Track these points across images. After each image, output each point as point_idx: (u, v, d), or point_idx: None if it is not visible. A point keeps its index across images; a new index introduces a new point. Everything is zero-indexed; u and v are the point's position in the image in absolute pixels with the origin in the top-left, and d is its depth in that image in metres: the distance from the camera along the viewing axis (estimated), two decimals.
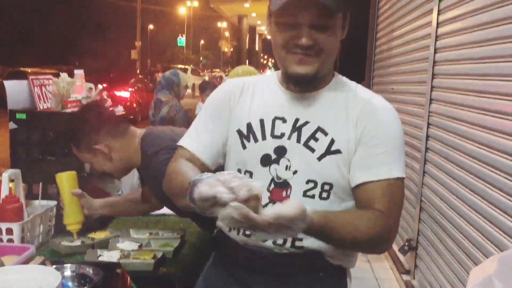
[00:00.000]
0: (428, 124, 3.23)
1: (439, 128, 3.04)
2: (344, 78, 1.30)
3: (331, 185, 1.19)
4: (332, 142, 1.19)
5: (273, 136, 1.22)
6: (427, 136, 3.24)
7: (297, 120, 1.21)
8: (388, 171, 1.16)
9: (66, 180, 1.90)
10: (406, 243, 3.48)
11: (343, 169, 1.19)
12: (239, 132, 1.25)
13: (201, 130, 1.31)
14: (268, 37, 1.28)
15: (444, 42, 3.02)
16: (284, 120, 1.22)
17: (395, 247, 4.00)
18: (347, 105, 1.22)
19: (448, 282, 2.74)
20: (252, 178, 1.21)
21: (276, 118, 1.23)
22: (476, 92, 2.47)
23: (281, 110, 1.24)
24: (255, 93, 1.28)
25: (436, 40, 3.14)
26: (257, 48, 33.28)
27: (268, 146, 1.21)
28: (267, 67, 58.84)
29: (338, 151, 1.18)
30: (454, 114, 2.77)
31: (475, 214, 2.40)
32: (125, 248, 1.84)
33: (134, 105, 13.88)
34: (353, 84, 1.28)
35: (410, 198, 3.59)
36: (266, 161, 1.21)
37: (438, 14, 3.11)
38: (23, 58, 23.27)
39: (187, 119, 3.91)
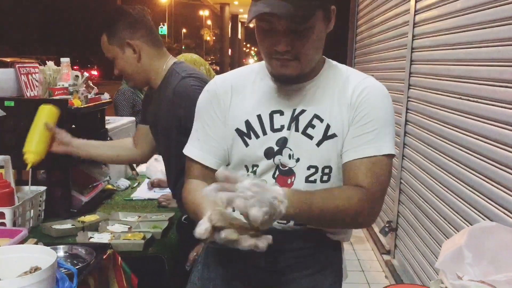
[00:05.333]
0: (407, 109, 3.31)
1: (417, 113, 3.13)
2: (335, 63, 1.32)
3: (330, 168, 1.24)
4: (328, 127, 1.23)
5: (273, 130, 1.25)
6: (406, 121, 3.33)
7: (294, 111, 1.25)
8: (376, 149, 1.20)
9: (46, 111, 1.89)
10: (387, 225, 3.58)
11: (340, 151, 1.23)
12: (238, 131, 1.27)
13: (203, 140, 1.31)
14: (251, 25, 1.29)
15: (421, 29, 3.09)
16: (281, 113, 1.25)
17: (376, 229, 4.11)
18: (339, 90, 1.25)
19: (426, 260, 2.85)
20: (257, 169, 1.25)
21: (273, 112, 1.26)
22: (452, 77, 2.56)
23: (276, 104, 1.26)
24: (246, 90, 1.30)
25: (414, 27, 3.21)
26: (239, 36, 33.05)
27: (270, 139, 1.24)
28: (250, 56, 58.61)
29: (334, 135, 1.23)
30: (431, 99, 2.85)
31: (451, 194, 2.49)
32: (115, 230, 1.89)
33: None
34: (344, 67, 1.31)
35: (390, 182, 3.67)
36: (269, 154, 1.24)
37: (416, 2, 3.18)
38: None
39: (127, 101, 3.99)
